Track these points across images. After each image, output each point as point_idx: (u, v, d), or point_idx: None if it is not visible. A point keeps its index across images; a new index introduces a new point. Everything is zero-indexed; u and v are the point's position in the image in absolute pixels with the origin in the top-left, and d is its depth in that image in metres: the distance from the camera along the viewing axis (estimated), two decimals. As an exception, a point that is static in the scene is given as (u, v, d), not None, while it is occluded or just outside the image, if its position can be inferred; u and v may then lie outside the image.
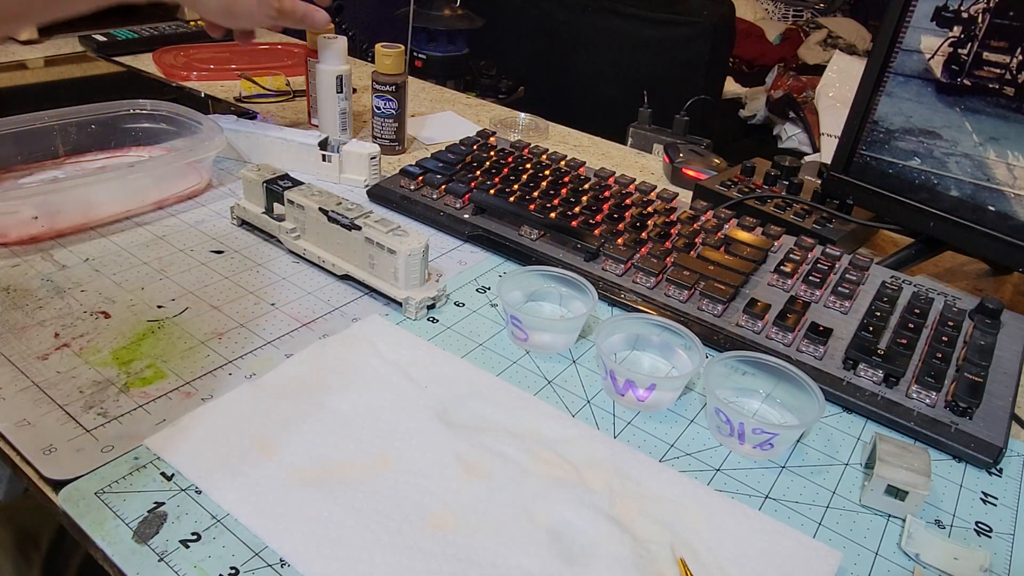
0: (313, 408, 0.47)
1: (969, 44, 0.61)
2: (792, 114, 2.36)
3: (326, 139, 0.79)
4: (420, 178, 0.75)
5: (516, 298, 0.60)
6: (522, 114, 1.04)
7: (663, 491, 0.44)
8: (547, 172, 0.77)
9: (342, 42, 0.81)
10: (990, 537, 0.44)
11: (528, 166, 0.78)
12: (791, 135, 2.37)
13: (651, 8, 1.90)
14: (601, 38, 1.99)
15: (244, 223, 0.69)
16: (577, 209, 0.70)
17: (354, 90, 1.09)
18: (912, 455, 0.45)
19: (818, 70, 2.34)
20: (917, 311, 0.58)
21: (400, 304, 0.58)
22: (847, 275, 0.62)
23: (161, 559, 0.37)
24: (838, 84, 2.15)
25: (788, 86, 2.36)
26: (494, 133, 0.87)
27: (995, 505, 0.46)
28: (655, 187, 0.75)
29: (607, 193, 0.74)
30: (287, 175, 0.66)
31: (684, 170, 0.87)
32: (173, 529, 0.38)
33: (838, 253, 0.65)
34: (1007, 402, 0.51)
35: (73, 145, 0.74)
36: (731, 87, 2.54)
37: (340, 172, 0.79)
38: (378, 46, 0.84)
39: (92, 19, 1.24)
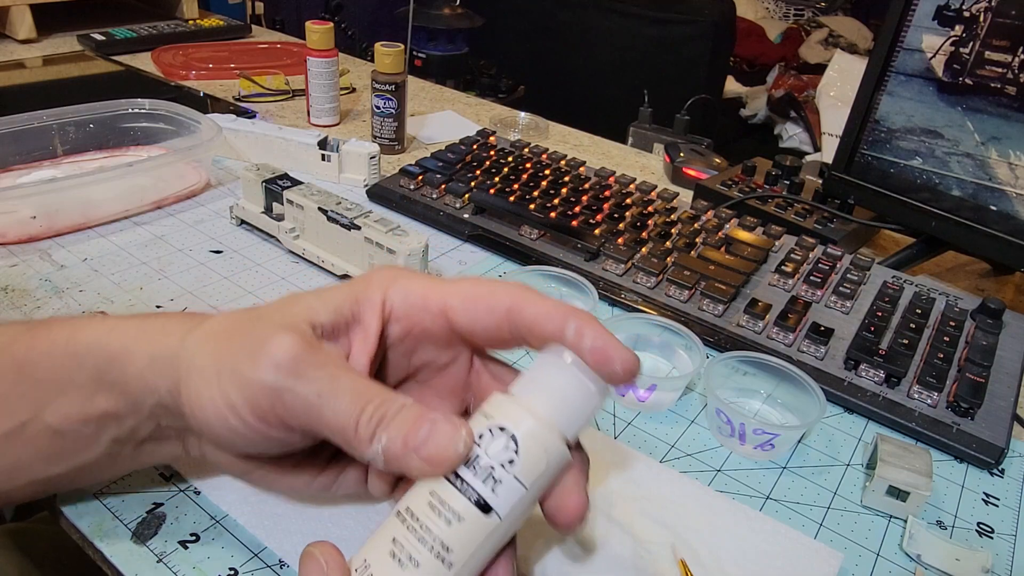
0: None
1: (971, 43, 0.60)
2: (793, 113, 2.36)
3: (325, 138, 0.79)
4: (420, 177, 0.75)
5: (516, 298, 0.60)
6: (522, 113, 1.04)
7: (664, 492, 0.43)
8: (547, 172, 0.77)
9: None
10: (992, 538, 0.44)
11: (528, 165, 0.78)
12: (792, 134, 2.37)
13: (652, 7, 1.90)
14: (602, 37, 1.99)
15: (243, 223, 0.69)
16: (577, 209, 0.69)
17: (353, 89, 1.08)
18: (913, 456, 0.45)
19: (819, 69, 2.34)
20: (919, 311, 0.58)
21: (400, 304, 0.58)
22: (848, 275, 0.62)
23: (160, 560, 0.37)
24: (839, 83, 2.14)
25: (789, 85, 2.36)
26: (494, 132, 0.87)
27: (997, 506, 0.46)
28: (655, 187, 0.75)
29: (607, 193, 0.74)
30: (286, 175, 0.66)
31: (685, 170, 0.87)
32: (172, 530, 0.38)
33: (839, 253, 0.65)
34: (1009, 402, 0.51)
35: (71, 144, 0.74)
36: (732, 86, 2.54)
37: (339, 172, 0.79)
38: (378, 45, 0.84)
39: (90, 18, 1.24)
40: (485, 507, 0.27)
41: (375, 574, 0.28)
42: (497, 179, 0.74)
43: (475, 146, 0.82)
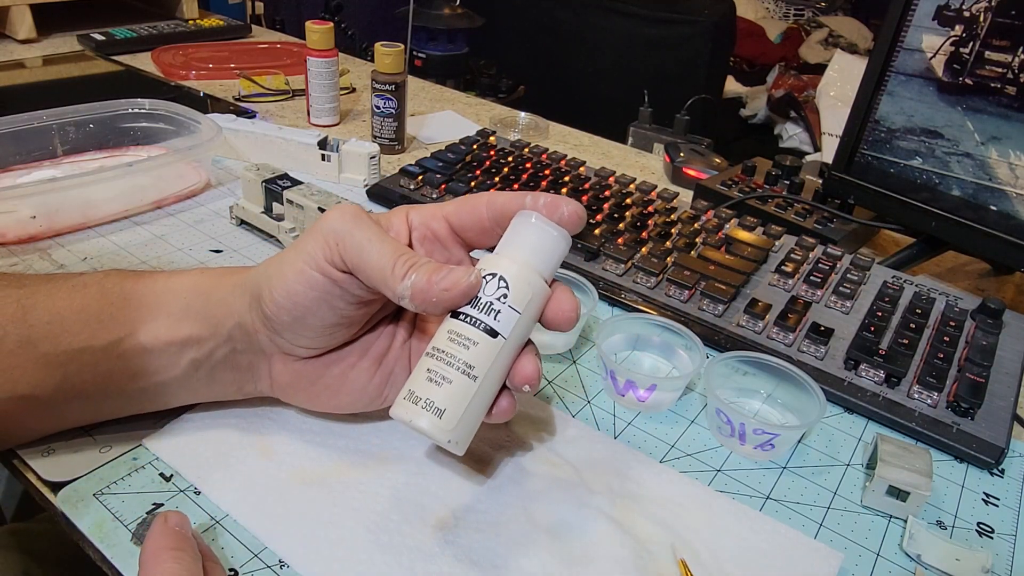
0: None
1: (971, 43, 0.61)
2: (793, 113, 2.36)
3: (325, 138, 0.79)
4: (420, 177, 0.75)
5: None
6: (522, 113, 1.04)
7: (664, 492, 0.43)
8: (547, 172, 0.77)
9: None
10: (992, 538, 0.44)
11: (528, 165, 0.78)
12: (792, 134, 2.37)
13: (652, 7, 1.90)
14: (602, 37, 1.99)
15: (243, 223, 0.69)
16: (577, 208, 0.69)
17: (353, 89, 1.08)
18: (913, 456, 0.45)
19: (819, 69, 2.34)
20: (919, 311, 0.58)
21: (400, 304, 0.58)
22: (848, 275, 0.62)
23: (159, 560, 0.37)
24: (839, 83, 2.14)
25: (789, 85, 2.36)
26: (494, 132, 0.87)
27: (997, 506, 0.46)
28: (655, 187, 0.75)
29: (607, 193, 0.74)
30: (286, 174, 0.66)
31: (685, 170, 0.87)
32: (171, 530, 0.38)
33: (839, 253, 0.65)
34: (1009, 402, 0.51)
35: (71, 144, 0.74)
36: (732, 86, 2.54)
37: (339, 172, 0.79)
38: (378, 45, 0.84)
39: (90, 18, 1.24)
40: (492, 332, 0.36)
41: (421, 396, 0.35)
42: (497, 179, 0.74)
43: (475, 146, 0.82)
